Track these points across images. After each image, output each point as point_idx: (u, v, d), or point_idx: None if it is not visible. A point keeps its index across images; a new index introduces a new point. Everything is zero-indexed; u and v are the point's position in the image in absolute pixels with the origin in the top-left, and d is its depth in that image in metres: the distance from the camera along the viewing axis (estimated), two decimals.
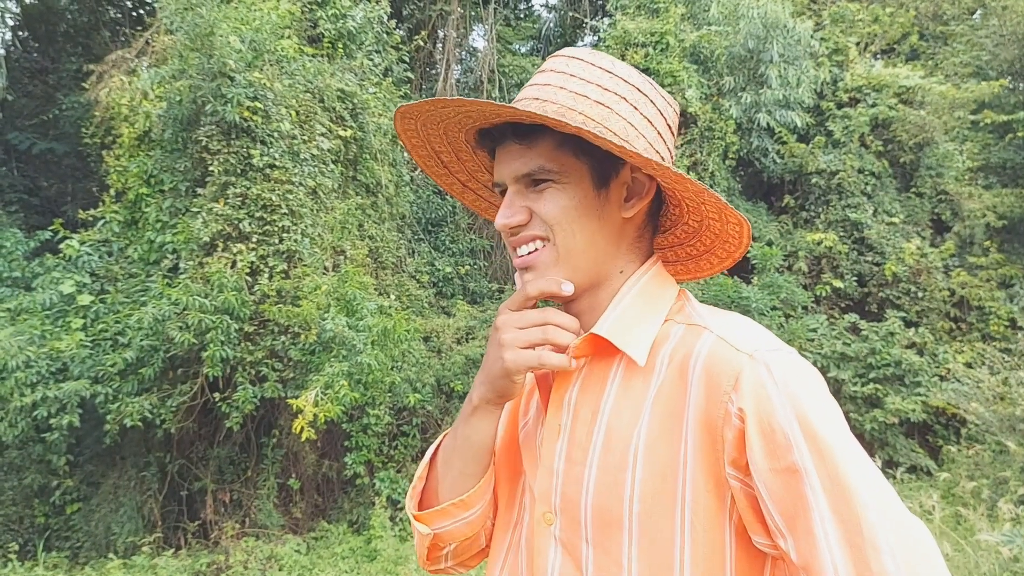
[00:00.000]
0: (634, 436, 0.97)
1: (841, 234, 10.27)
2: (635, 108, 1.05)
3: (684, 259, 1.22)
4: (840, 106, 11.02)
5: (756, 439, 0.88)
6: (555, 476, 1.05)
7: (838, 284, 9.91)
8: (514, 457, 1.19)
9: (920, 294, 9.76)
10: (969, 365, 8.93)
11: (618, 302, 1.06)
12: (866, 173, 10.56)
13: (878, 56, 12.54)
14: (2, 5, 12.91)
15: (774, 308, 8.95)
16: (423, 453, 8.10)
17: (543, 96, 1.03)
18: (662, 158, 1.07)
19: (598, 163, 1.04)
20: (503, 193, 1.09)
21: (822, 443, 0.85)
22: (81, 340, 6.87)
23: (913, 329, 9.33)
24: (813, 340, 8.96)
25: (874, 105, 10.78)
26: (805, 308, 9.61)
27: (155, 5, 8.60)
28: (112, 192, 8.24)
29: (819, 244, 10.08)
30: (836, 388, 8.66)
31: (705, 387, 0.93)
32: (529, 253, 1.06)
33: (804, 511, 0.84)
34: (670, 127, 1.11)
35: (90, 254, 7.70)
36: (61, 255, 7.64)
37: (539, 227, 1.04)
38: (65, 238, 7.64)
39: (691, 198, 1.07)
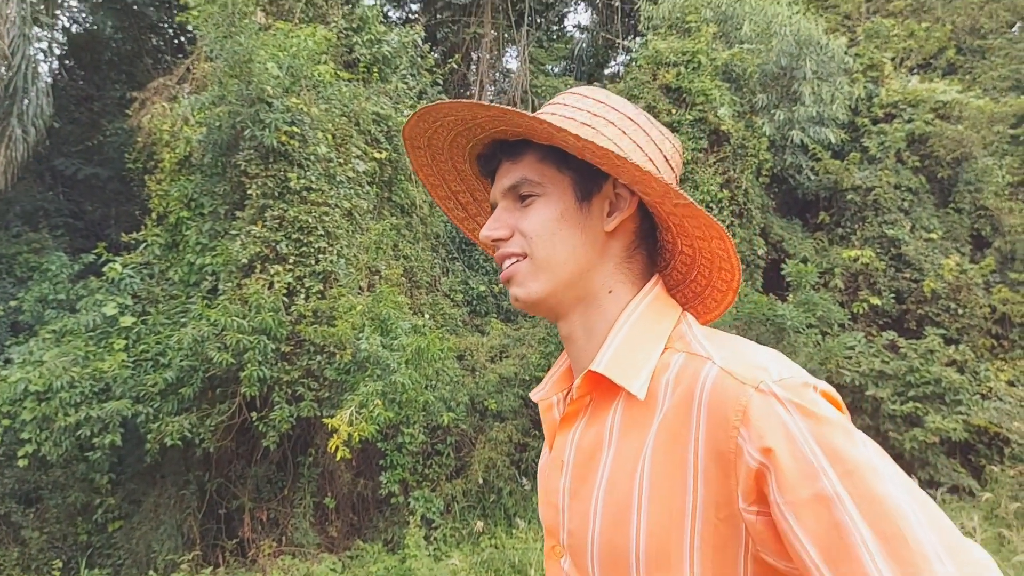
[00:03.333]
0: (638, 471, 0.95)
1: (878, 250, 10.15)
2: (623, 132, 1.06)
3: (692, 300, 1.19)
4: (875, 122, 10.92)
5: (778, 472, 0.82)
6: (560, 512, 1.05)
7: (875, 301, 9.78)
8: None
9: (960, 311, 9.59)
10: (1011, 383, 8.77)
11: (616, 333, 1.04)
12: (903, 189, 10.43)
13: (914, 71, 12.42)
14: (50, 36, 13.31)
15: (810, 326, 8.85)
16: (457, 472, 8.14)
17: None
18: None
19: (580, 176, 1.06)
20: None
21: (849, 463, 0.80)
22: (123, 361, 7.02)
23: (953, 346, 9.16)
24: (851, 358, 8.84)
25: (910, 120, 10.67)
26: (842, 326, 9.49)
27: (196, 33, 8.80)
28: (154, 215, 8.43)
29: (855, 261, 9.97)
30: (875, 407, 8.53)
31: (712, 421, 0.89)
32: (510, 266, 1.08)
33: (843, 537, 0.78)
34: (667, 160, 1.10)
35: (132, 276, 7.87)
36: (104, 278, 7.82)
37: (517, 245, 1.07)
38: (108, 261, 7.83)
39: (672, 212, 1.05)
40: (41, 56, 12.46)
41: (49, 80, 11.81)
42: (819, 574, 0.80)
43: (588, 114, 1.06)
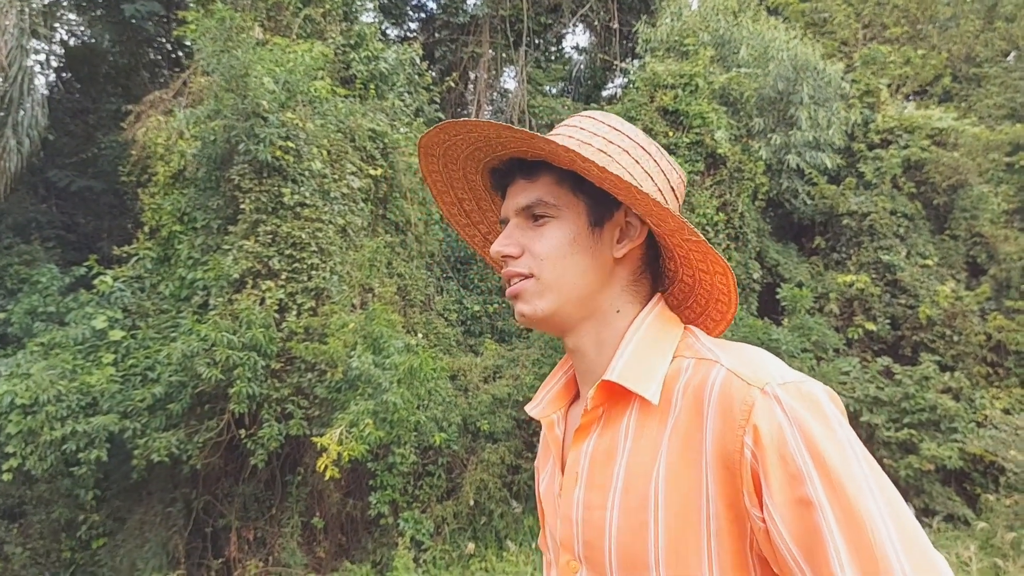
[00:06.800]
0: (653, 473, 0.97)
1: (873, 276, 10.14)
2: (636, 162, 1.10)
3: (687, 322, 1.20)
4: (871, 147, 10.94)
5: (769, 473, 0.87)
6: (575, 524, 1.06)
7: (871, 327, 9.76)
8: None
9: (955, 338, 9.57)
10: (1007, 411, 8.72)
11: (625, 345, 1.07)
12: (898, 215, 10.44)
13: (910, 98, 12.48)
14: (47, 48, 13.31)
15: (805, 350, 8.82)
16: (448, 493, 8.07)
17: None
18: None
19: (595, 202, 1.09)
20: None
21: (834, 474, 0.84)
22: (111, 375, 6.93)
23: (948, 373, 9.13)
24: (845, 383, 8.80)
25: (906, 147, 10.70)
26: (837, 351, 9.46)
27: (193, 47, 8.79)
28: (146, 229, 8.36)
29: (851, 286, 9.96)
30: (869, 433, 8.48)
31: (720, 421, 0.93)
32: (517, 284, 1.10)
33: (820, 544, 0.83)
34: (673, 190, 1.15)
35: (123, 290, 7.80)
36: (95, 291, 7.74)
37: (525, 265, 1.09)
38: (99, 274, 7.75)
39: (680, 244, 1.09)
40: (38, 68, 12.44)
41: (45, 92, 11.77)
42: (801, 573, 0.85)
43: (604, 140, 1.10)
